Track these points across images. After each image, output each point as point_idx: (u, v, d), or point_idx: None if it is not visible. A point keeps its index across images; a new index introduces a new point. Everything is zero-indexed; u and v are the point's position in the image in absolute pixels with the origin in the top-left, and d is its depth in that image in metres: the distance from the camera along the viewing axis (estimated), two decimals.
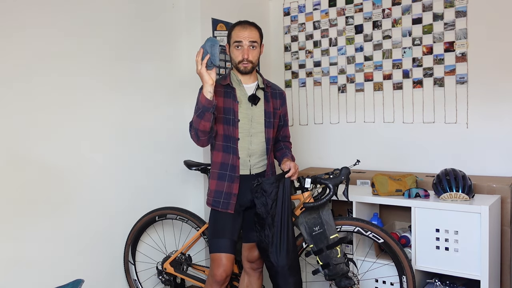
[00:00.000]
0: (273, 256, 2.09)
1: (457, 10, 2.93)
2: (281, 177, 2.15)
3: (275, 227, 2.09)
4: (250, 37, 2.14)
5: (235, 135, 2.17)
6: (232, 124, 2.16)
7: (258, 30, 2.21)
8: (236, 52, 2.17)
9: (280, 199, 2.11)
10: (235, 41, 2.15)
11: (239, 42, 2.14)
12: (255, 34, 2.17)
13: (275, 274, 2.11)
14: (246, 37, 2.13)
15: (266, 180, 2.12)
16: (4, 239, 2.19)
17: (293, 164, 2.18)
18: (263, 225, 2.11)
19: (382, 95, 3.26)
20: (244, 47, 2.14)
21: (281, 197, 2.11)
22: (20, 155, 2.25)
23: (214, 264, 2.17)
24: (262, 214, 2.11)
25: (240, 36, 2.14)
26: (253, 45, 2.15)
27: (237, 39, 2.14)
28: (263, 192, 2.11)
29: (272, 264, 2.09)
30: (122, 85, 2.74)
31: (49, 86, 2.36)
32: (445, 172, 2.56)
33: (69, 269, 2.46)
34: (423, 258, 2.47)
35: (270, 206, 2.10)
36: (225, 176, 2.17)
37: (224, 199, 2.17)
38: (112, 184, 2.69)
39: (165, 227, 3.04)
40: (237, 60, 2.17)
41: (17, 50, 2.23)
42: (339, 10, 3.42)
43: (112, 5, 2.67)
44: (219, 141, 2.19)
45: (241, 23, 2.19)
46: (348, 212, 3.04)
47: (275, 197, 2.11)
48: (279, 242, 2.08)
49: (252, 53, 2.17)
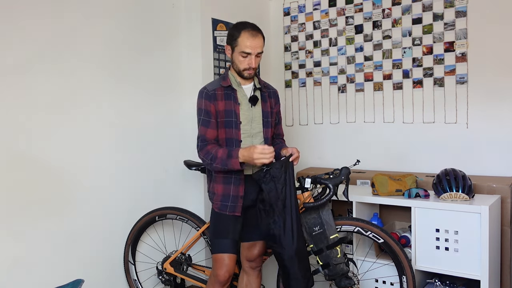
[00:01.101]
0: (286, 240, 2.05)
1: (457, 10, 2.93)
2: (286, 162, 2.12)
3: (286, 212, 2.06)
4: (259, 47, 2.12)
5: (237, 137, 2.16)
6: (234, 126, 2.15)
7: (263, 36, 2.18)
8: (242, 59, 2.13)
9: (288, 183, 2.09)
10: (242, 51, 2.11)
11: (248, 53, 2.11)
12: (262, 43, 2.14)
13: (289, 259, 2.07)
14: (256, 47, 2.11)
15: (274, 165, 2.09)
16: (4, 239, 2.19)
17: (295, 149, 2.19)
18: (272, 211, 2.08)
19: (382, 95, 3.26)
20: (252, 56, 2.12)
21: (288, 181, 2.09)
22: (20, 155, 2.25)
23: (216, 265, 2.16)
24: (270, 200, 2.08)
25: (249, 46, 2.09)
26: (259, 54, 2.15)
27: (245, 50, 2.10)
28: (272, 177, 2.08)
29: (284, 249, 2.06)
30: (122, 85, 2.74)
31: (49, 86, 2.36)
32: (445, 172, 2.55)
33: (69, 269, 2.46)
34: (423, 258, 2.46)
35: (281, 191, 2.07)
36: (231, 179, 2.17)
37: (231, 202, 2.16)
38: (112, 184, 2.69)
39: (165, 227, 3.04)
40: (242, 68, 2.15)
41: (16, 49, 2.23)
42: (339, 10, 3.42)
43: (112, 4, 2.67)
44: (222, 145, 2.18)
45: (248, 30, 2.12)
46: (348, 212, 3.04)
47: (284, 182, 2.08)
48: (291, 226, 2.05)
49: (257, 61, 2.16)
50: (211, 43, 3.11)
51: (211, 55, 3.12)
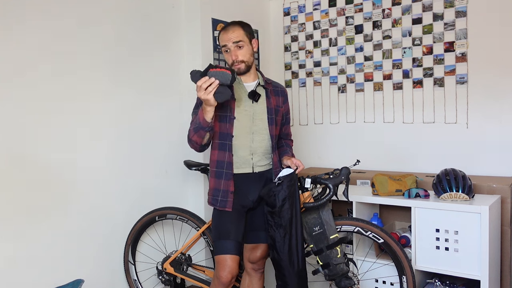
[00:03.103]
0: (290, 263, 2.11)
1: (457, 10, 2.93)
2: (294, 175, 2.16)
3: (292, 229, 2.11)
4: (233, 37, 2.13)
5: (230, 132, 2.16)
6: (228, 121, 2.16)
7: (243, 27, 2.18)
8: (226, 56, 2.18)
9: (295, 197, 2.13)
10: (222, 46, 2.17)
11: (225, 47, 2.16)
12: (238, 33, 2.14)
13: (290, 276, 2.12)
14: (229, 39, 2.13)
15: (286, 178, 2.12)
16: (4, 239, 2.19)
17: (299, 161, 2.26)
18: (280, 225, 2.11)
19: (382, 95, 3.26)
20: (230, 49, 2.14)
21: (295, 196, 2.14)
22: (20, 155, 2.25)
23: (219, 266, 2.15)
24: (281, 213, 2.10)
25: (224, 39, 2.15)
26: (239, 44, 2.13)
27: (222, 43, 2.16)
28: (284, 189, 2.11)
29: (287, 268, 2.12)
30: (121, 85, 2.74)
31: (49, 87, 2.36)
32: (445, 172, 2.56)
33: (69, 269, 2.46)
34: (423, 258, 2.47)
35: (289, 206, 2.11)
36: (222, 174, 2.17)
37: (222, 197, 2.17)
38: (112, 184, 2.69)
39: (165, 227, 3.04)
40: (230, 63, 2.18)
41: (17, 49, 2.23)
42: (339, 10, 3.42)
43: (112, 5, 2.67)
44: (216, 139, 2.19)
45: (224, 27, 2.20)
46: (348, 212, 3.04)
47: (293, 193, 2.12)
48: (296, 247, 2.11)
49: (241, 52, 2.15)
50: (211, 43, 3.11)
51: (211, 55, 3.12)
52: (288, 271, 2.11)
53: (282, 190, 2.10)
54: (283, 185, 2.10)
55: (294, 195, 2.12)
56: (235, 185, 2.17)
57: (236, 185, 2.17)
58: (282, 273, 2.13)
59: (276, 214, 2.11)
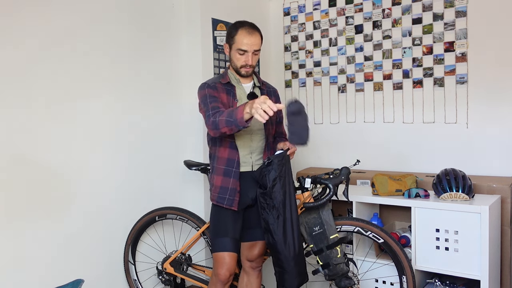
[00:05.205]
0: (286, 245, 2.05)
1: (457, 10, 2.93)
2: (285, 154, 2.13)
3: (286, 212, 2.06)
4: (256, 45, 2.15)
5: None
6: None
7: (261, 35, 2.21)
8: (239, 57, 2.17)
9: (287, 176, 2.09)
10: (239, 49, 2.14)
11: (244, 51, 2.14)
12: (259, 41, 2.17)
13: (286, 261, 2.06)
14: (252, 45, 2.13)
15: (276, 157, 2.08)
16: (4, 239, 2.19)
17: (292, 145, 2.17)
18: (272, 206, 2.07)
19: (382, 95, 3.26)
20: (249, 53, 2.15)
21: (287, 174, 2.09)
22: (20, 155, 2.25)
23: (217, 264, 2.17)
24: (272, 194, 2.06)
25: (245, 44, 2.13)
26: (257, 52, 2.18)
27: (241, 47, 2.13)
28: (274, 168, 2.07)
29: (283, 253, 2.06)
30: (121, 85, 2.74)
31: (49, 86, 2.36)
32: (445, 172, 2.56)
33: (69, 269, 2.46)
34: (423, 258, 2.47)
35: (282, 184, 2.06)
36: (231, 173, 2.18)
37: (229, 195, 2.17)
38: (112, 184, 2.69)
39: (165, 227, 3.04)
40: (239, 65, 2.18)
41: (16, 49, 2.23)
42: (339, 10, 3.42)
43: (112, 5, 2.67)
44: (229, 138, 2.19)
45: (245, 28, 2.16)
46: (348, 212, 3.04)
47: (284, 173, 2.08)
48: (291, 230, 2.06)
49: (255, 59, 2.19)
50: (211, 43, 3.11)
51: (211, 55, 3.12)
52: (284, 255, 2.06)
53: (272, 170, 2.06)
54: (273, 165, 2.06)
55: (285, 176, 2.08)
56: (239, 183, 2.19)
57: (239, 184, 2.19)
58: (279, 258, 2.08)
59: (267, 195, 2.07)
